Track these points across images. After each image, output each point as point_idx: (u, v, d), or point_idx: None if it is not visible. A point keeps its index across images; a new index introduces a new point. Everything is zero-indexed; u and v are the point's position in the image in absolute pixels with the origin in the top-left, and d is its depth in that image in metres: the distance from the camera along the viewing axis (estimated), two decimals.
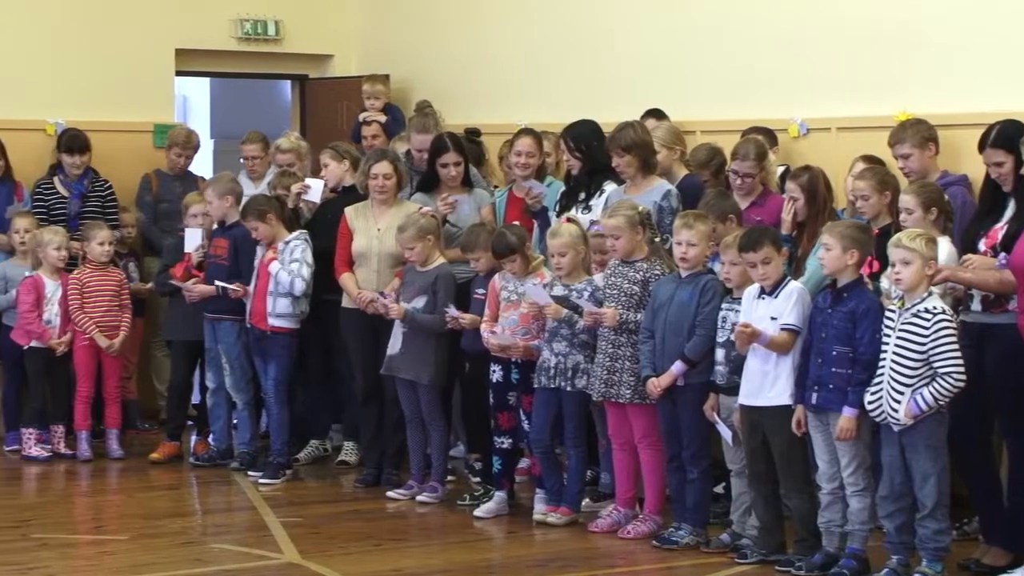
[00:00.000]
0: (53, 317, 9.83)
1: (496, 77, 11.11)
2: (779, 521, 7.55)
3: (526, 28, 11.07)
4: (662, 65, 10.17)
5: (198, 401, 10.14)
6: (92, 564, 7.60)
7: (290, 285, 9.15)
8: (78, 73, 11.17)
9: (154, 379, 11.12)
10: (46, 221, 10.35)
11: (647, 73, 10.24)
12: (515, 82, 11.02)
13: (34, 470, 9.63)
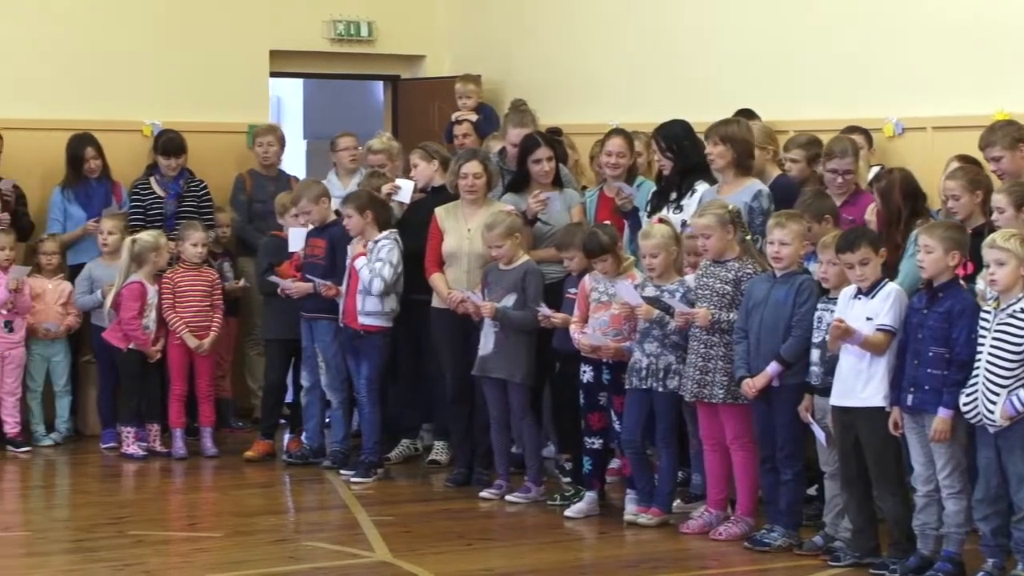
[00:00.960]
0: (151, 323, 9.93)
1: (588, 77, 11.09)
2: (873, 523, 7.47)
3: (618, 27, 11.04)
4: (755, 64, 10.11)
5: (292, 400, 10.21)
6: (186, 561, 7.66)
7: (369, 284, 9.19)
8: (174, 74, 11.29)
9: (248, 378, 11.21)
10: (142, 221, 10.47)
11: (739, 73, 10.18)
12: (607, 82, 10.99)
13: (130, 468, 9.73)
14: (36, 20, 10.91)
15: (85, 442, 10.42)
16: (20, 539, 8.11)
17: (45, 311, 10.23)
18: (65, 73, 10.97)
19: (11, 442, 10.06)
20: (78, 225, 10.59)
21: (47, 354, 10.33)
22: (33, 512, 8.96)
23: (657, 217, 8.49)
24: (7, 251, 10.05)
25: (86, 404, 10.54)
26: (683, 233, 8.30)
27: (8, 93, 10.76)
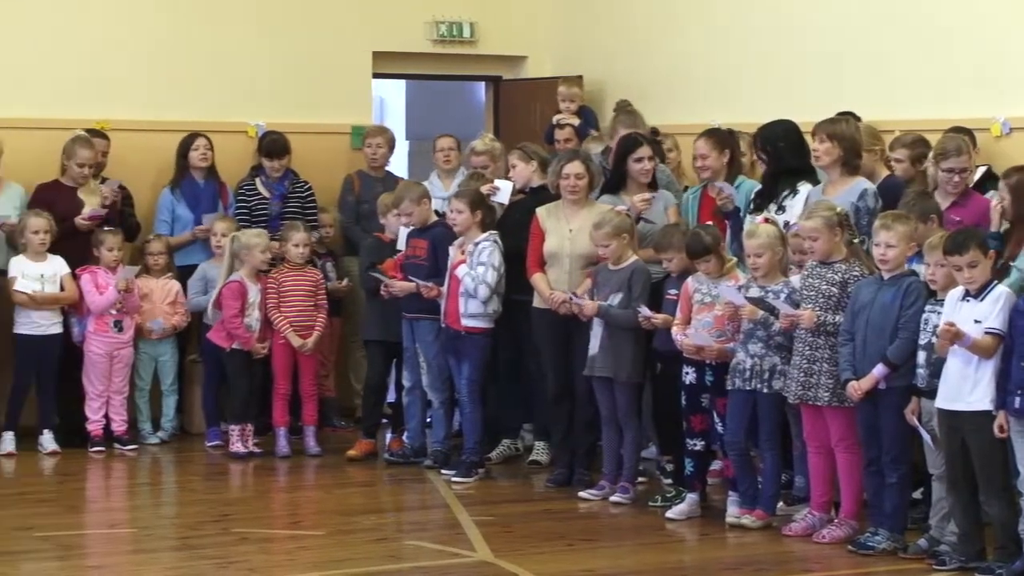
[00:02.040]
0: (254, 321, 10.01)
1: (690, 77, 11.04)
2: (979, 527, 7.38)
3: (721, 28, 10.98)
4: (859, 64, 10.02)
5: (393, 400, 10.26)
6: (290, 558, 7.72)
7: (474, 291, 9.22)
8: (279, 76, 11.38)
9: (351, 378, 11.28)
10: (248, 222, 10.56)
11: (843, 73, 10.09)
12: (708, 81, 10.94)
13: (234, 466, 9.82)
14: (144, 22, 11.05)
15: (191, 440, 10.53)
16: (128, 536, 8.22)
17: (152, 311, 10.36)
18: (172, 75, 11.10)
19: (119, 440, 10.20)
20: (185, 226, 10.71)
21: (154, 353, 10.46)
22: (140, 509, 9.07)
23: (763, 216, 8.44)
24: (116, 252, 10.18)
25: (192, 403, 10.66)
26: (789, 232, 8.25)
27: (116, 95, 10.90)
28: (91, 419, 10.14)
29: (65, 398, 10.24)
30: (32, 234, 9.96)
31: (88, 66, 10.84)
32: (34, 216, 10.00)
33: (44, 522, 8.27)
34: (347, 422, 11.05)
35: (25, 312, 9.97)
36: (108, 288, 10.08)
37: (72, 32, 10.84)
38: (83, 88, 10.81)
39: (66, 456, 9.98)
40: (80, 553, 7.89)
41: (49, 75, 10.73)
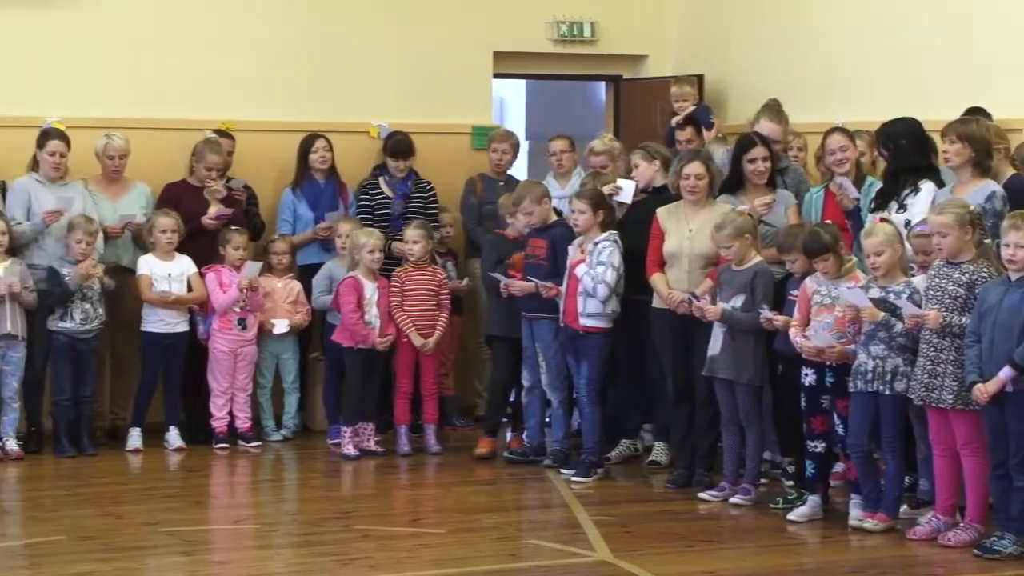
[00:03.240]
0: (373, 319, 10.08)
1: (813, 75, 10.93)
2: None
3: (844, 25, 10.86)
4: (984, 62, 9.86)
5: (513, 399, 10.28)
6: (410, 556, 7.76)
7: (593, 291, 9.22)
8: (399, 76, 11.46)
9: (471, 377, 11.33)
10: (370, 221, 10.64)
11: (969, 70, 9.94)
12: (833, 81, 10.82)
13: (355, 463, 9.89)
14: (269, 24, 11.18)
15: (313, 437, 10.62)
16: (251, 532, 8.32)
17: (274, 309, 10.47)
18: (295, 75, 11.21)
19: (242, 437, 10.32)
20: (306, 226, 10.81)
21: (276, 351, 10.57)
22: (263, 506, 9.17)
23: (879, 216, 8.35)
24: (241, 251, 10.30)
25: (314, 400, 10.76)
26: (912, 232, 8.15)
27: (241, 95, 11.04)
28: (215, 416, 10.27)
29: (190, 395, 10.40)
30: (160, 233, 10.11)
31: (214, 67, 10.99)
32: (163, 216, 10.15)
33: (170, 517, 8.40)
34: (467, 421, 11.09)
35: (153, 310, 10.13)
36: (232, 287, 10.21)
37: (199, 34, 10.99)
38: (209, 89, 10.96)
39: (191, 452, 10.13)
40: (205, 548, 7.99)
41: (175, 76, 10.89)
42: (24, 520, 8.59)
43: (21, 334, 9.82)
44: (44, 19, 10.56)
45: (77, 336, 9.91)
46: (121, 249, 10.34)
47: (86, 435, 10.00)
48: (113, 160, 10.32)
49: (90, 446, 9.98)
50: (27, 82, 10.48)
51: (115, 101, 10.68)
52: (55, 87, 10.54)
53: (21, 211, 9.99)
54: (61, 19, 10.61)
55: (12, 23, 10.48)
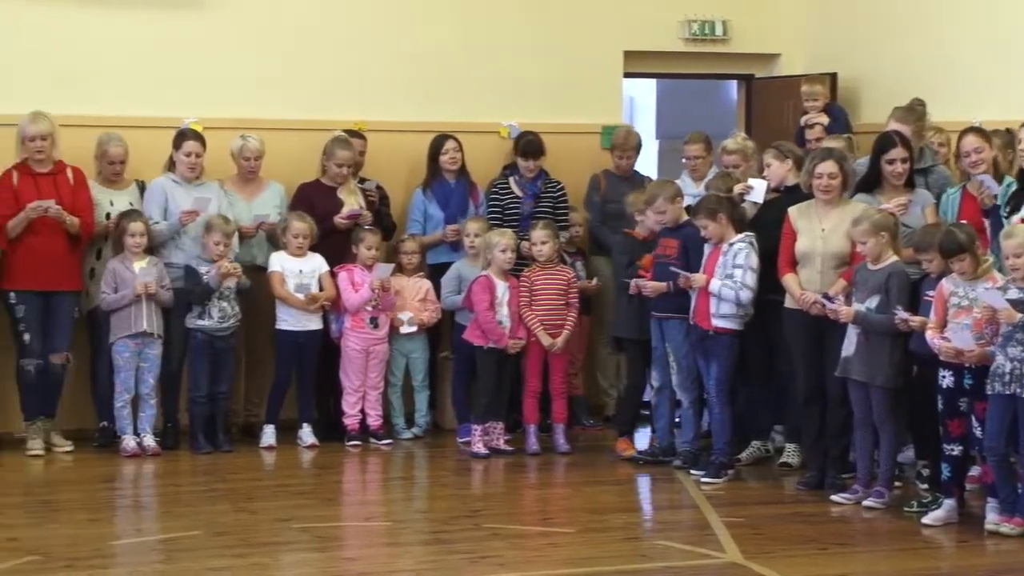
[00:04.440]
0: (504, 318, 10.11)
1: (949, 73, 10.75)
2: None
3: (981, 23, 10.68)
4: None
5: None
6: (540, 555, 7.77)
7: (736, 298, 9.18)
8: (530, 76, 11.47)
9: (599, 376, 11.32)
10: (499, 221, 10.67)
11: None
12: (969, 79, 10.63)
13: (485, 462, 9.92)
14: (400, 25, 11.25)
15: (443, 436, 10.67)
16: (382, 529, 8.38)
17: (404, 308, 10.53)
18: (426, 76, 11.27)
19: (374, 434, 10.40)
20: (437, 226, 10.87)
21: (406, 350, 10.63)
22: (394, 503, 9.23)
23: (1020, 218, 8.20)
24: (373, 250, 10.39)
25: (444, 399, 10.81)
26: None
27: (373, 96, 11.12)
28: (347, 414, 10.37)
29: (323, 393, 10.51)
30: (292, 237, 10.22)
31: (347, 68, 11.09)
32: (297, 220, 10.25)
33: (303, 514, 8.49)
34: (595, 420, 11.08)
35: (287, 308, 10.25)
36: (364, 286, 10.30)
37: (332, 35, 11.09)
38: (342, 90, 11.06)
39: (324, 450, 10.23)
40: (337, 545, 8.07)
41: (309, 77, 11.00)
42: (160, 515, 8.74)
43: (158, 332, 9.99)
44: (181, 21, 10.73)
45: (214, 334, 10.06)
46: (256, 249, 10.48)
47: (221, 432, 10.14)
48: (248, 161, 10.45)
49: (225, 443, 10.13)
50: (164, 84, 10.65)
51: (250, 102, 10.81)
52: (192, 88, 10.70)
53: (158, 211, 10.16)
54: (198, 21, 10.77)
55: (150, 25, 10.66)
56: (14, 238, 9.75)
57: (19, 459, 9.79)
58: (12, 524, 8.23)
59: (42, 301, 9.84)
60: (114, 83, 10.53)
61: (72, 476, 9.56)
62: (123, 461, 9.79)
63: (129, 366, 9.93)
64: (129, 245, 9.90)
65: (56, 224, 9.77)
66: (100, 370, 10.14)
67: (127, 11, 10.60)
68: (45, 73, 10.34)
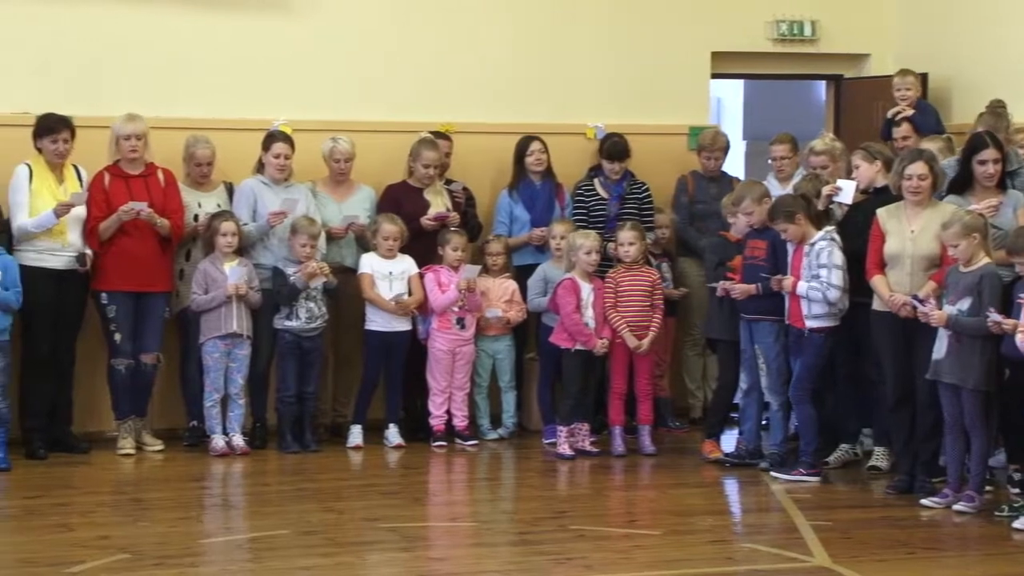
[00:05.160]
0: (589, 320, 10.09)
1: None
2: None
3: None
4: None
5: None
6: (625, 557, 7.75)
7: (824, 298, 9.12)
8: (616, 77, 11.46)
9: (685, 378, 11.28)
10: (585, 223, 10.67)
11: None
12: None
13: (570, 464, 9.92)
14: (485, 26, 11.28)
15: (529, 437, 10.68)
16: (469, 529, 8.40)
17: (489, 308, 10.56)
18: (513, 77, 11.29)
19: (460, 435, 10.43)
20: (523, 227, 10.88)
21: (492, 351, 10.65)
22: (480, 504, 9.25)
23: None
24: (460, 251, 10.41)
25: (530, 400, 10.82)
26: None
27: (460, 98, 11.15)
28: (434, 414, 10.40)
29: (410, 393, 10.55)
30: (383, 239, 10.27)
31: (434, 70, 11.13)
32: (388, 222, 10.30)
33: (389, 514, 8.53)
34: (681, 423, 11.04)
35: (375, 309, 10.30)
36: (450, 287, 10.33)
37: (419, 37, 11.14)
38: (429, 92, 11.10)
39: (410, 450, 10.28)
40: (424, 545, 8.09)
41: (397, 79, 11.06)
42: (249, 514, 8.81)
43: (247, 332, 10.08)
44: (271, 24, 10.82)
45: (302, 335, 10.13)
46: (345, 249, 10.53)
47: (309, 431, 10.21)
48: (339, 163, 10.52)
49: (313, 442, 10.20)
50: (254, 86, 10.74)
51: (339, 104, 10.88)
52: (280, 91, 10.79)
53: (247, 212, 10.25)
54: (287, 24, 10.86)
55: (239, 28, 10.76)
56: (106, 240, 9.88)
57: (110, 458, 9.92)
58: (103, 522, 8.33)
59: (133, 302, 9.96)
60: (203, 85, 10.63)
61: (162, 475, 9.67)
62: (212, 460, 9.89)
63: (219, 366, 10.03)
64: (221, 245, 10.00)
65: (147, 226, 9.89)
66: (190, 370, 10.24)
67: (216, 14, 10.70)
68: (135, 76, 10.46)
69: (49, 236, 9.76)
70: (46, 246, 9.77)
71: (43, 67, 10.30)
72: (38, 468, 9.60)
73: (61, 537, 7.91)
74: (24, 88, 10.21)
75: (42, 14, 10.34)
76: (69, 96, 10.14)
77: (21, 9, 10.31)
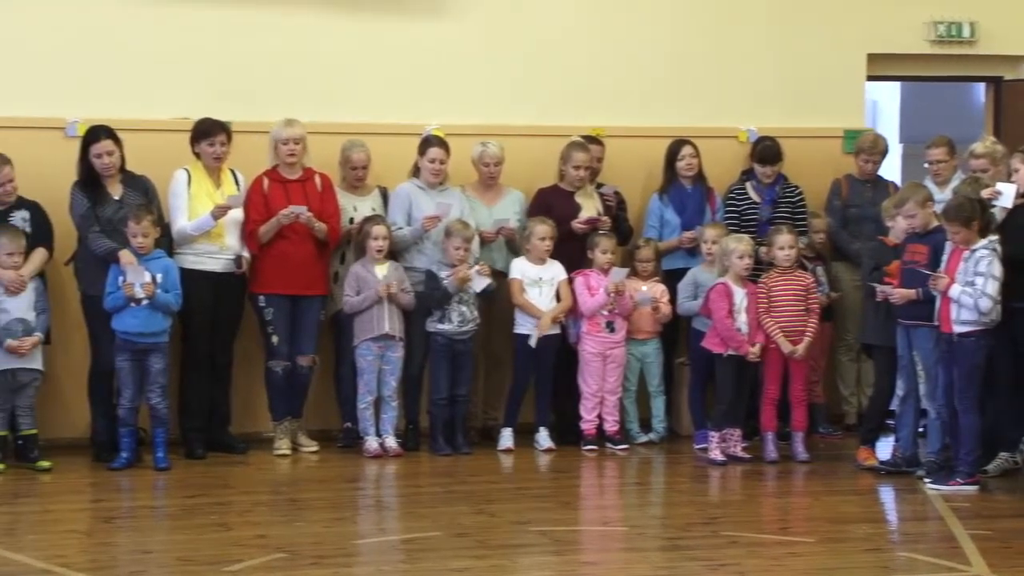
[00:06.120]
0: (742, 325, 10.02)
1: None
2: None
3: None
4: None
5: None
6: (779, 564, 7.67)
7: (975, 306, 8.96)
8: (769, 80, 11.37)
9: (839, 384, 11.15)
10: (737, 227, 10.59)
11: None
12: None
13: (721, 469, 9.85)
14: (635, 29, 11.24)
15: (679, 442, 10.64)
16: (620, 534, 8.39)
17: (638, 313, 10.53)
18: (665, 81, 11.26)
19: (610, 439, 10.41)
20: (673, 231, 10.83)
21: (640, 355, 10.61)
22: (630, 508, 9.23)
23: None
24: (609, 255, 10.39)
25: (680, 405, 10.77)
26: None
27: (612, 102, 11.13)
28: (585, 418, 10.39)
29: (560, 397, 10.56)
30: (539, 240, 10.30)
31: (585, 74, 11.13)
32: (540, 223, 10.32)
33: (540, 517, 8.54)
34: (834, 429, 10.92)
35: (524, 313, 10.33)
36: (599, 291, 10.32)
37: (569, 42, 11.15)
38: (580, 96, 11.11)
39: (560, 453, 10.28)
40: (574, 549, 8.10)
41: (548, 84, 11.09)
42: (402, 516, 8.89)
43: (399, 335, 10.16)
44: (424, 28, 10.90)
45: (454, 338, 10.18)
46: (495, 253, 10.58)
47: (461, 434, 10.27)
48: (488, 167, 10.57)
49: (465, 445, 10.25)
50: (409, 91, 10.83)
51: (490, 108, 10.93)
52: (434, 95, 10.87)
53: (402, 216, 10.34)
54: (441, 28, 10.93)
55: (394, 32, 10.86)
56: (265, 243, 10.03)
57: (267, 458, 10.06)
58: (261, 521, 8.46)
59: (290, 305, 10.09)
60: (359, 90, 10.75)
61: (317, 475, 9.79)
62: (366, 461, 9.99)
63: (372, 368, 10.12)
64: (371, 249, 10.10)
65: (305, 230, 10.02)
66: (344, 372, 10.36)
67: (372, 19, 10.81)
68: (292, 81, 10.60)
69: (208, 239, 9.94)
70: (205, 249, 9.96)
71: (202, 73, 10.48)
72: (197, 468, 9.78)
73: (219, 536, 8.05)
74: (184, 94, 10.40)
75: (203, 22, 10.52)
76: (227, 101, 10.30)
77: (182, 17, 10.50)
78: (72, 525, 8.38)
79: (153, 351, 9.63)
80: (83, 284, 9.87)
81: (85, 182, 9.80)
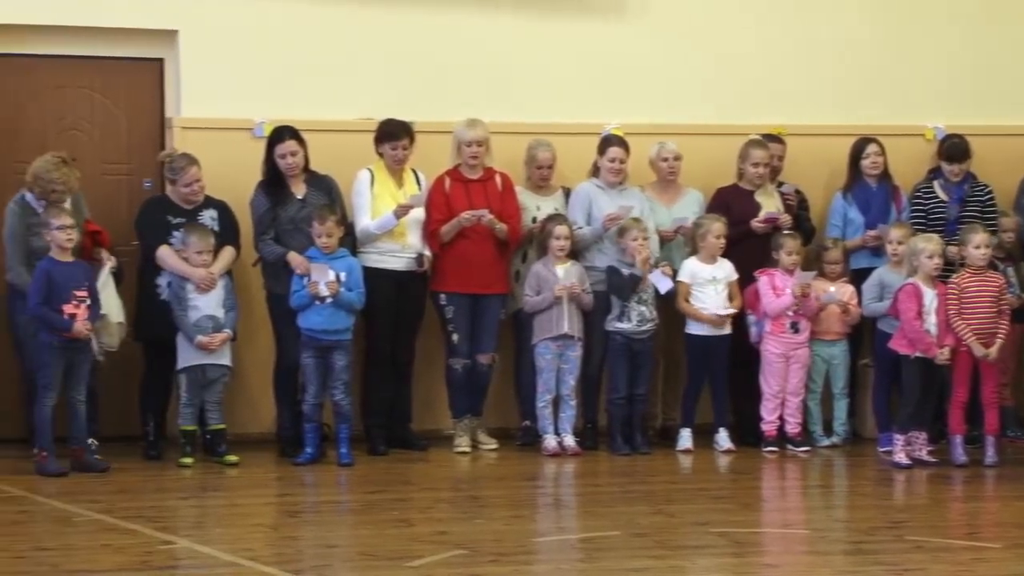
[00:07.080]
0: (931, 327, 9.84)
1: None
2: None
3: None
4: None
5: None
6: (965, 570, 7.50)
7: None
8: (956, 76, 11.19)
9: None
10: (923, 226, 10.41)
11: None
12: None
13: (906, 473, 9.69)
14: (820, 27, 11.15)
15: (862, 445, 10.50)
16: (802, 537, 8.28)
17: (827, 313, 10.40)
18: (848, 78, 11.13)
19: (791, 441, 10.31)
20: (857, 230, 10.69)
21: (826, 356, 10.49)
22: (813, 511, 9.12)
23: None
24: (794, 255, 10.27)
25: (864, 407, 10.62)
26: None
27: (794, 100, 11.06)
28: (766, 419, 10.31)
29: (741, 397, 10.48)
30: (713, 239, 10.23)
31: (766, 71, 11.06)
32: (715, 221, 10.27)
33: (720, 518, 8.47)
34: (1021, 432, 10.67)
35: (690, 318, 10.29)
36: (785, 291, 10.22)
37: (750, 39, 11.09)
38: (760, 94, 11.04)
39: (740, 454, 10.21)
40: (754, 551, 8.01)
41: (728, 82, 11.04)
42: (581, 514, 8.88)
43: (578, 334, 10.17)
44: (604, 28, 10.93)
45: (633, 337, 10.17)
46: (675, 252, 10.53)
47: (639, 433, 10.25)
48: (667, 162, 10.53)
49: (643, 444, 10.23)
50: (589, 90, 10.86)
51: (669, 107, 10.90)
52: (614, 95, 10.87)
53: (582, 216, 10.35)
54: (620, 28, 10.95)
55: (575, 33, 10.90)
56: (446, 243, 10.11)
57: (447, 455, 10.15)
58: (442, 518, 8.53)
59: (471, 303, 10.17)
60: (541, 90, 10.79)
61: (496, 473, 9.85)
62: (544, 460, 10.02)
63: (551, 367, 10.15)
64: (553, 248, 10.12)
65: (486, 230, 10.09)
66: (523, 370, 10.40)
67: (552, 19, 10.86)
68: (474, 81, 10.68)
69: (390, 238, 10.06)
70: (387, 248, 10.08)
71: (386, 74, 10.62)
72: (379, 464, 9.91)
73: (400, 532, 8.13)
74: (368, 94, 10.54)
75: (388, 23, 10.65)
76: (411, 101, 10.42)
77: (367, 19, 10.64)
78: (258, 519, 8.54)
79: (337, 348, 9.77)
80: (269, 282, 10.06)
81: (269, 182, 9.99)
